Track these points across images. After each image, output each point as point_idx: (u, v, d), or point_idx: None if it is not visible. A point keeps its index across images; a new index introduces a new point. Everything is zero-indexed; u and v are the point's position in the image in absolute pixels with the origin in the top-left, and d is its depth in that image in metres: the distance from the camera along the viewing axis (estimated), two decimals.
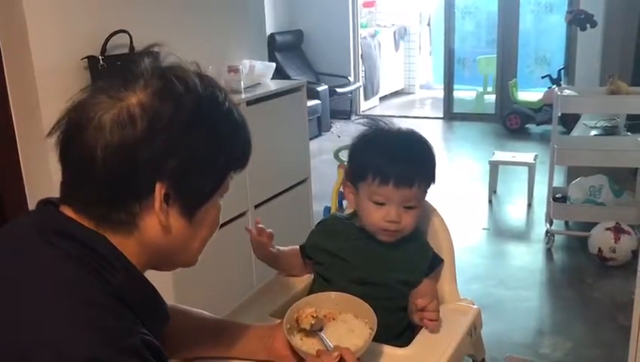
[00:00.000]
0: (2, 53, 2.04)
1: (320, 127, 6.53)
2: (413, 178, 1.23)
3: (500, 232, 3.93)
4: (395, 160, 1.23)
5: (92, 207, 0.81)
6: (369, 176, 1.23)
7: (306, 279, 1.41)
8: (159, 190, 0.80)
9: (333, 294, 1.17)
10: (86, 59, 2.13)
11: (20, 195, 2.10)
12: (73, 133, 0.81)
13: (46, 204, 0.84)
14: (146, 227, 0.82)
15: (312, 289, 1.33)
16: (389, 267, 1.28)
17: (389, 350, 1.14)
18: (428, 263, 1.31)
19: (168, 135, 0.79)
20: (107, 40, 2.17)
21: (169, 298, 2.20)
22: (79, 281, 0.76)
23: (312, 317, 1.08)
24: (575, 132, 4.02)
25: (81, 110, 0.81)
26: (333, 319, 1.12)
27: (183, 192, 0.82)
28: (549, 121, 5.38)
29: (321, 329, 1.08)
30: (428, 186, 1.27)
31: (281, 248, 1.38)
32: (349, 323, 1.11)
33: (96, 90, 0.82)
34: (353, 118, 7.43)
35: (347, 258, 1.29)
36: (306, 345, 1.05)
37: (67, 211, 0.82)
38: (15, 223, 0.85)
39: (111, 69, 2.07)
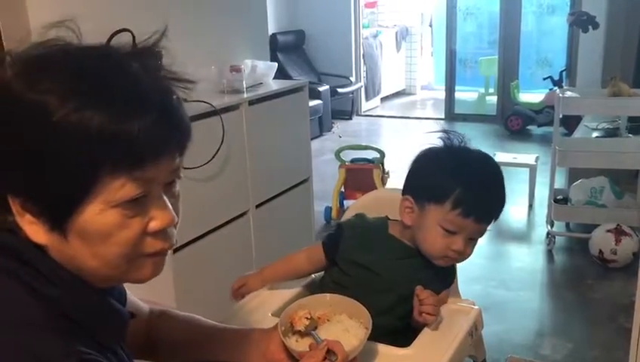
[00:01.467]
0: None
1: (321, 127, 6.54)
2: (495, 215, 1.21)
3: (501, 233, 3.92)
4: (484, 196, 1.19)
5: None
6: (448, 202, 1.17)
7: (308, 277, 1.40)
8: (12, 202, 0.69)
9: (327, 296, 1.16)
10: None
11: None
12: None
13: None
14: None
15: (322, 289, 1.29)
16: (420, 280, 1.23)
17: (389, 350, 1.14)
18: (453, 276, 1.31)
19: None
20: (110, 39, 2.17)
21: (169, 299, 2.20)
22: (15, 300, 0.68)
23: (306, 318, 1.07)
24: (576, 134, 4.02)
25: None
26: (328, 320, 1.11)
27: (37, 203, 0.68)
28: (550, 123, 5.37)
29: (315, 330, 1.07)
30: None
31: (267, 269, 1.36)
32: (344, 324, 1.10)
33: None
34: (354, 117, 7.45)
35: (382, 273, 1.24)
36: (302, 347, 1.03)
37: None
38: None
39: None
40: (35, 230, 0.70)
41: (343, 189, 4.01)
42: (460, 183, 1.17)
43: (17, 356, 0.65)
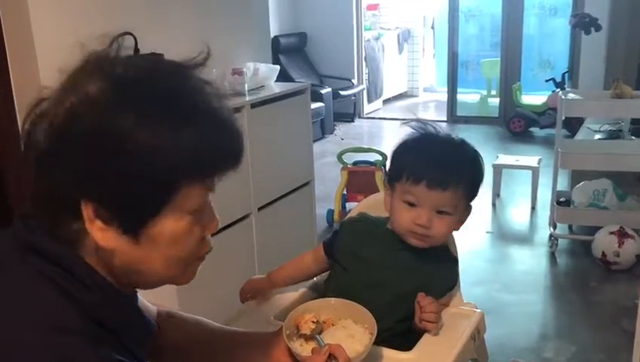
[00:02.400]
0: (8, 57, 2.05)
1: (323, 129, 6.54)
2: (447, 180, 1.18)
3: (504, 236, 3.92)
4: (431, 160, 1.21)
5: (44, 220, 0.74)
6: (403, 175, 1.21)
7: (310, 281, 1.40)
8: (85, 208, 0.71)
9: (332, 300, 1.16)
10: None
11: (24, 191, 2.11)
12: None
13: (24, 217, 0.77)
14: (93, 246, 0.74)
15: (325, 290, 1.30)
16: (419, 275, 1.23)
17: (391, 354, 1.13)
18: (455, 278, 1.31)
19: (71, 147, 0.70)
20: (112, 41, 2.17)
21: (172, 301, 2.20)
22: (50, 304, 0.70)
23: (313, 322, 1.07)
24: (579, 136, 4.01)
25: None
26: (333, 325, 1.11)
27: (116, 210, 0.71)
28: (552, 125, 5.37)
29: (320, 334, 1.06)
30: (466, 195, 1.21)
31: (275, 271, 1.36)
32: (349, 329, 1.10)
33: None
34: (357, 120, 7.45)
35: (379, 264, 1.24)
36: (306, 351, 1.02)
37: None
38: None
39: None
40: (104, 235, 0.72)
41: (345, 192, 4.00)
42: (413, 154, 1.23)
43: (48, 358, 0.66)
